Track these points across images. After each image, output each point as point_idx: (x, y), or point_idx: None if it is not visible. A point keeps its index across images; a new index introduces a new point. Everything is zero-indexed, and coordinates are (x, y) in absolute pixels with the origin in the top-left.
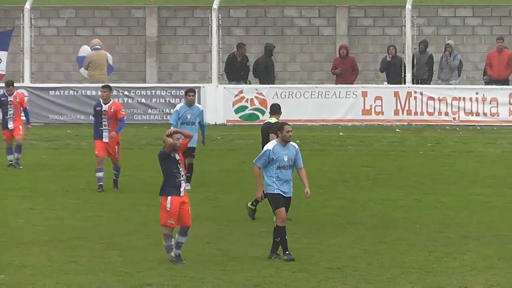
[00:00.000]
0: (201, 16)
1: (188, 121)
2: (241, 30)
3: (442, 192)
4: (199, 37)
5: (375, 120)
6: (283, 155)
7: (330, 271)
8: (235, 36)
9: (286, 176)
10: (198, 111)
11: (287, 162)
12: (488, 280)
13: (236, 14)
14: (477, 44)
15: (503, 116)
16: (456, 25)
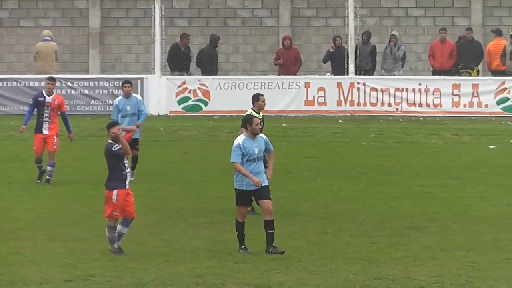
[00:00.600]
0: (144, 7)
1: (128, 113)
2: (184, 21)
3: (385, 183)
4: (142, 28)
5: (318, 111)
6: (253, 148)
7: (273, 262)
8: (178, 27)
9: (257, 168)
10: (136, 101)
11: (258, 154)
12: (431, 271)
13: (179, 5)
14: (420, 35)
15: (446, 107)
16: (399, 16)
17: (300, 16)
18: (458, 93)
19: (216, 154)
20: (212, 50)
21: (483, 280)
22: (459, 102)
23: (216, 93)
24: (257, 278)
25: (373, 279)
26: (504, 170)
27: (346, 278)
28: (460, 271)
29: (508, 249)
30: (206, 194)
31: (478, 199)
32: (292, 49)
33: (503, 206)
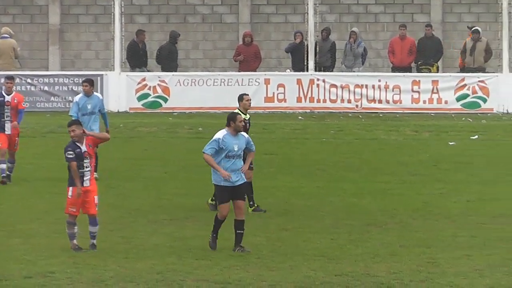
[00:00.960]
0: (104, 3)
1: (88, 111)
2: (144, 18)
3: (344, 180)
4: (102, 24)
5: (277, 107)
6: (233, 144)
7: (233, 258)
8: (137, 24)
9: (234, 165)
10: (97, 100)
11: (237, 152)
12: (391, 267)
13: (139, 2)
14: (379, 31)
15: (406, 104)
16: (358, 12)
17: (260, 12)
18: (418, 89)
19: (176, 150)
20: (172, 46)
21: (443, 277)
22: (419, 98)
23: (175, 90)
24: (217, 274)
25: (333, 275)
26: (464, 166)
27: (306, 274)
28: (420, 268)
29: (467, 245)
30: (166, 190)
31: (438, 196)
32: (252, 46)
33: (463, 202)
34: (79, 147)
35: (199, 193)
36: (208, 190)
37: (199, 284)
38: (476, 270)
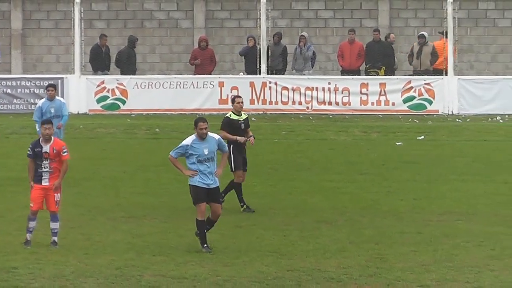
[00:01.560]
0: (64, 9)
1: (52, 115)
2: (103, 23)
3: (296, 178)
4: (62, 29)
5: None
6: (203, 148)
7: (189, 254)
8: (97, 29)
9: (208, 168)
10: (59, 104)
11: (209, 155)
12: (340, 263)
13: (98, 8)
14: (329, 36)
15: (355, 105)
16: (309, 17)
17: (214, 18)
18: (366, 92)
19: (134, 151)
20: (130, 51)
21: (391, 271)
22: (367, 100)
23: (133, 92)
24: (173, 270)
25: (285, 270)
26: (410, 166)
27: (259, 270)
28: (368, 263)
29: (414, 241)
30: (124, 189)
31: (385, 194)
32: (208, 50)
33: (409, 200)
34: (41, 146)
35: (156, 192)
36: (164, 189)
37: (157, 279)
38: (423, 265)
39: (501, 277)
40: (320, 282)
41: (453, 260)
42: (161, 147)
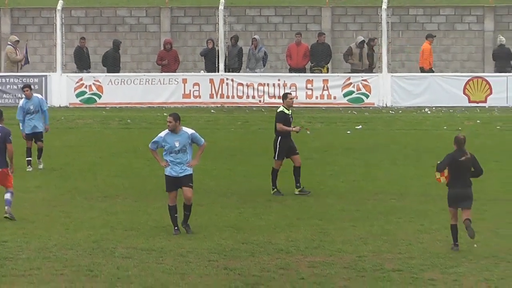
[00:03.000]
0: (47, 16)
1: (32, 111)
2: (81, 28)
3: (250, 163)
4: (46, 33)
5: (193, 102)
6: (174, 141)
7: (156, 229)
8: (76, 33)
9: (178, 159)
10: (37, 100)
11: (179, 147)
12: (289, 236)
13: (77, 14)
14: (279, 38)
15: (301, 99)
16: (261, 22)
17: (178, 23)
18: (311, 87)
19: (108, 139)
20: (115, 53)
21: (332, 244)
22: (312, 95)
23: (108, 88)
24: (143, 243)
25: (240, 243)
26: (350, 152)
27: (218, 242)
28: (313, 237)
29: (353, 217)
30: (99, 173)
31: (328, 176)
32: (172, 51)
33: (349, 182)
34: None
35: (128, 175)
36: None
37: (128, 251)
38: (360, 239)
39: (429, 249)
40: (271, 253)
41: (387, 234)
42: (132, 136)
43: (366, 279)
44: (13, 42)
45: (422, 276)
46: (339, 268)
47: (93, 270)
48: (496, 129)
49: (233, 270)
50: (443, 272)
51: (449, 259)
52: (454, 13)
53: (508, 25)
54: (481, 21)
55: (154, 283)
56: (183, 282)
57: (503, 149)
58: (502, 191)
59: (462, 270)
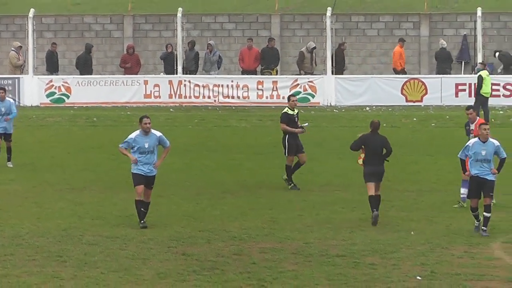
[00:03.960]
0: (20, 23)
1: (3, 113)
2: (51, 34)
3: (206, 158)
4: (19, 39)
5: (154, 102)
6: (144, 142)
7: (120, 218)
8: (46, 38)
9: (147, 159)
10: (9, 103)
11: (149, 148)
12: (241, 225)
13: (47, 21)
14: (232, 43)
15: (253, 99)
16: (216, 29)
17: (140, 29)
18: (262, 88)
19: (76, 136)
20: (87, 56)
21: (282, 231)
22: (263, 95)
23: (76, 89)
24: (108, 231)
25: (197, 231)
26: None
27: (177, 230)
28: (264, 225)
29: (300, 207)
30: (68, 167)
31: (277, 170)
32: (135, 55)
33: (297, 174)
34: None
35: (94, 169)
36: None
37: (95, 238)
38: (307, 226)
39: (370, 236)
40: (226, 240)
41: (332, 222)
42: (98, 133)
43: (312, 263)
44: (16, 48)
45: (364, 261)
46: (287, 253)
47: (62, 255)
48: (431, 126)
49: (190, 255)
50: (383, 257)
51: (388, 245)
52: (393, 20)
53: (442, 31)
54: (417, 27)
55: (118, 267)
56: (145, 267)
57: (437, 144)
58: (436, 182)
59: (400, 255)
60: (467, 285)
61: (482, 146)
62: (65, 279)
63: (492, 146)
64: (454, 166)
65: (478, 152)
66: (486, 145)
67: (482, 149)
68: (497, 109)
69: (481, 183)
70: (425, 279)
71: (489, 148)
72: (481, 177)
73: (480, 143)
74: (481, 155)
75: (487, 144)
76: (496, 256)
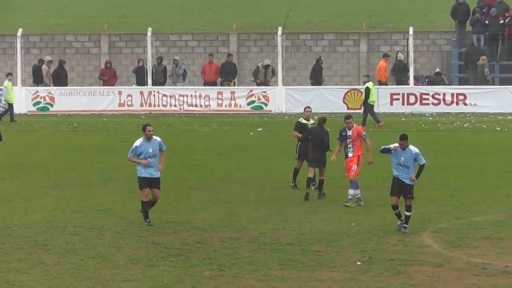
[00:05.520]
0: (9, 41)
1: None
2: (37, 50)
3: (172, 158)
4: (8, 55)
5: (127, 110)
6: (148, 148)
7: (98, 212)
8: (32, 55)
9: (152, 163)
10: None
11: (152, 153)
12: (204, 217)
13: (33, 39)
14: (195, 58)
15: (213, 107)
16: (181, 46)
17: (115, 46)
18: (221, 97)
19: (59, 139)
20: (60, 70)
21: (239, 223)
22: (222, 103)
23: (58, 99)
24: (87, 222)
25: (165, 222)
26: (252, 149)
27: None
28: (223, 217)
29: (255, 201)
30: (52, 166)
31: (235, 168)
32: (111, 69)
33: (252, 173)
34: None
35: (75, 168)
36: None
37: (75, 229)
38: (261, 218)
39: (316, 226)
40: (190, 230)
41: (283, 214)
42: (78, 137)
43: (266, 251)
44: (47, 62)
45: (311, 248)
46: (244, 242)
47: (47, 244)
48: (369, 131)
49: (159, 244)
50: (327, 245)
51: (332, 234)
52: (335, 38)
53: (379, 47)
54: (357, 44)
55: (96, 254)
56: (120, 254)
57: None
58: (374, 179)
59: (342, 243)
60: (401, 269)
61: (401, 153)
62: (50, 265)
63: (410, 153)
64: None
65: (398, 158)
66: (405, 152)
67: (401, 156)
68: (427, 116)
69: (401, 185)
70: (364, 264)
71: (408, 155)
72: (400, 179)
73: (400, 150)
74: (400, 161)
75: (406, 151)
76: (426, 244)
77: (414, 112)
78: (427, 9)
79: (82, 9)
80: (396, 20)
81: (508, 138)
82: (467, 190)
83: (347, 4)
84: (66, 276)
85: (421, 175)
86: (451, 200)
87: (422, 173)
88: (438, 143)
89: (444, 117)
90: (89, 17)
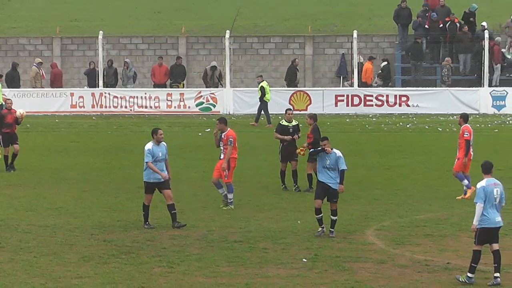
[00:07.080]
0: None
1: None
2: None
3: (123, 158)
4: None
5: (79, 111)
6: (158, 151)
7: (50, 210)
8: None
9: (160, 167)
10: None
11: (162, 157)
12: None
13: None
14: (145, 61)
15: (163, 108)
16: (131, 48)
17: (67, 49)
18: (171, 99)
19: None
20: (13, 72)
21: (188, 221)
22: (171, 105)
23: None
24: (40, 221)
25: (116, 221)
26: (201, 149)
27: (98, 220)
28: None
29: (203, 200)
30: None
31: (184, 168)
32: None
33: (200, 173)
34: None
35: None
36: (33, 165)
37: (28, 227)
38: (210, 217)
39: (263, 224)
40: (140, 228)
41: (231, 213)
42: (31, 137)
43: (214, 248)
44: (37, 64)
45: (258, 246)
46: (193, 239)
47: (1, 242)
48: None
49: (110, 241)
50: (274, 243)
51: (279, 232)
52: (282, 41)
53: (324, 50)
54: (302, 47)
55: (48, 252)
56: (72, 251)
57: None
58: None
59: (289, 241)
60: (345, 266)
61: (326, 156)
62: (3, 262)
63: (334, 156)
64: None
65: (324, 161)
66: (330, 156)
67: (327, 158)
68: (371, 117)
69: (326, 189)
70: (310, 261)
71: (332, 158)
72: (326, 184)
73: (325, 153)
74: (326, 164)
75: (331, 155)
76: (370, 241)
77: (358, 113)
78: (371, 13)
79: (34, 13)
80: (340, 23)
81: (450, 138)
82: (409, 189)
83: (293, 8)
84: (20, 273)
85: (355, 177)
86: (394, 199)
87: (344, 179)
88: (382, 143)
89: (387, 118)
90: (42, 20)
